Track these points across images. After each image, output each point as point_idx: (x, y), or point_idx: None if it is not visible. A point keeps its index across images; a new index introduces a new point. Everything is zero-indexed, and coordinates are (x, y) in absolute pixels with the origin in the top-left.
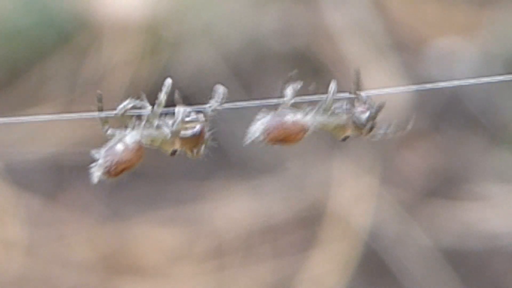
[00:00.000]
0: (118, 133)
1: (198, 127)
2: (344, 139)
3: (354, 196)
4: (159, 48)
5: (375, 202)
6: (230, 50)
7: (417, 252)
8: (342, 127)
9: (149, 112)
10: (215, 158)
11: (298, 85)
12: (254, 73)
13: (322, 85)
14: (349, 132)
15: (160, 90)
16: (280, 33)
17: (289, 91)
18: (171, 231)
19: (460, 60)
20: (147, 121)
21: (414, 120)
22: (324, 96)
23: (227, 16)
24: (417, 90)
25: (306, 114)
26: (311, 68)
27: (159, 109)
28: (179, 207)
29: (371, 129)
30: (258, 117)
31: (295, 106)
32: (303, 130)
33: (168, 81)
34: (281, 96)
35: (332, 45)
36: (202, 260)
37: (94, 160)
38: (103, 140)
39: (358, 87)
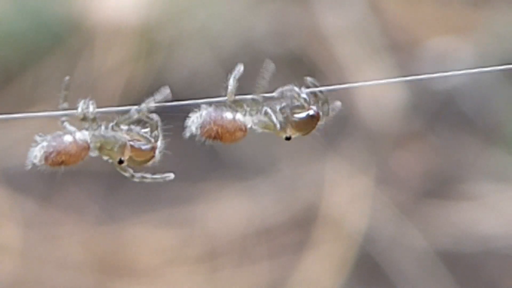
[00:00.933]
0: (71, 128)
1: (150, 145)
2: (287, 138)
3: (349, 197)
4: (154, 51)
5: (370, 203)
6: (225, 52)
7: (412, 253)
8: (281, 126)
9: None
10: (209, 160)
11: (238, 72)
12: (249, 75)
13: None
14: (289, 132)
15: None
16: (275, 35)
17: (231, 80)
18: (165, 233)
19: (455, 60)
20: (95, 122)
21: (409, 120)
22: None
23: (222, 18)
24: (411, 88)
25: (245, 113)
26: (306, 69)
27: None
28: (173, 209)
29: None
30: (196, 110)
31: (239, 105)
32: (240, 129)
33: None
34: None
35: (327, 47)
36: (196, 261)
37: (38, 143)
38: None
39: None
